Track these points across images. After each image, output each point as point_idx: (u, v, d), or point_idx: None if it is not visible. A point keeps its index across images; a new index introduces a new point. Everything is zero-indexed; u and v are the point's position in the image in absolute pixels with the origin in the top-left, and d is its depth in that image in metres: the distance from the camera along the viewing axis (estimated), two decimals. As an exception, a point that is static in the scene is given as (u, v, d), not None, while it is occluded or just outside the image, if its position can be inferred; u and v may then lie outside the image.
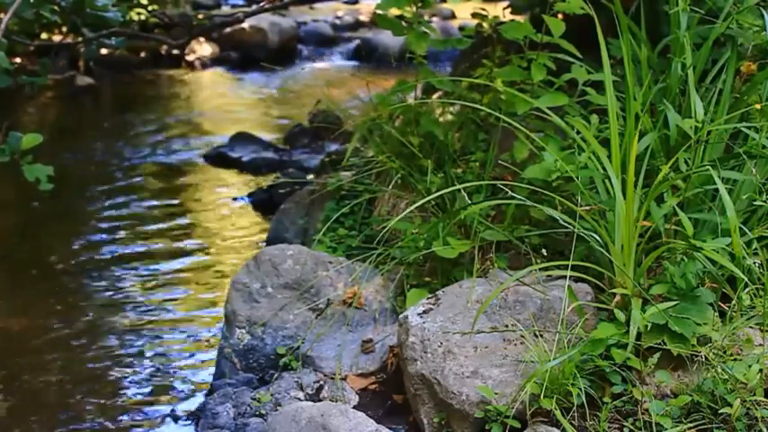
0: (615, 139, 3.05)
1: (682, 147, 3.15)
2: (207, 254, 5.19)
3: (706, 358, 2.71)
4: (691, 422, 2.62)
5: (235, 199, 6.09)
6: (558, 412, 2.64)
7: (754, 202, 3.02)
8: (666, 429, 2.60)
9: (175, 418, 3.52)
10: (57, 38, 8.33)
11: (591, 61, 3.59)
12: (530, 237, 3.32)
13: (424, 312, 3.07)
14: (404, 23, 4.05)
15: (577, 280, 3.00)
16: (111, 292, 4.68)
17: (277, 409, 3.13)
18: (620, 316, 2.81)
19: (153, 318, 4.41)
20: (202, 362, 3.98)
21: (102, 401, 3.70)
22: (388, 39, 10.25)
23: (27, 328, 4.29)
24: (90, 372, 3.93)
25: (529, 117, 3.55)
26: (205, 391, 3.61)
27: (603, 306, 2.92)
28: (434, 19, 11.53)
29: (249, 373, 3.46)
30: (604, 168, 3.07)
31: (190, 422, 3.46)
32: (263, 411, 3.20)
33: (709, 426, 2.61)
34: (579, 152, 3.19)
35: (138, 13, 9.50)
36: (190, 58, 10.37)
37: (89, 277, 4.88)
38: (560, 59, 3.67)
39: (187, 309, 4.52)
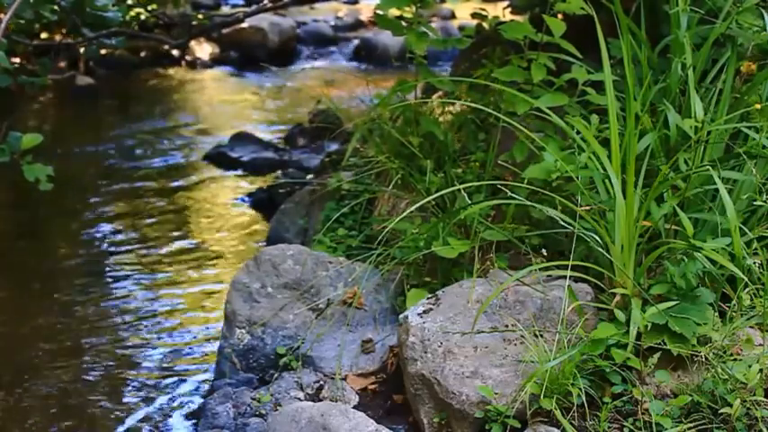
0: (615, 139, 3.05)
1: (682, 147, 3.15)
2: (207, 254, 5.19)
3: (706, 358, 2.71)
4: (691, 422, 2.62)
5: (235, 199, 6.09)
6: (557, 412, 2.64)
7: (754, 202, 3.02)
8: (666, 429, 2.61)
9: (175, 418, 3.52)
10: (57, 38, 8.33)
11: (591, 61, 3.59)
12: (530, 237, 3.32)
13: (424, 312, 3.07)
14: (404, 23, 4.05)
15: (577, 280, 3.00)
16: (110, 292, 4.68)
17: (277, 409, 3.13)
18: (620, 316, 2.81)
19: (153, 318, 4.41)
20: (202, 362, 3.98)
21: (102, 401, 3.70)
22: (388, 39, 10.24)
23: (27, 328, 4.28)
24: (90, 372, 3.93)
25: (529, 117, 3.55)
26: (205, 391, 3.61)
27: (603, 306, 2.93)
28: (434, 19, 11.52)
29: (249, 373, 3.46)
30: (604, 168, 3.07)
31: (190, 422, 3.46)
32: (263, 411, 3.20)
33: (709, 426, 2.61)
34: (579, 152, 3.19)
35: (138, 13, 9.50)
36: (190, 57, 10.36)
37: (89, 277, 4.88)
38: (560, 59, 3.67)
39: (187, 309, 4.52)
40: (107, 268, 4.98)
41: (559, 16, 3.72)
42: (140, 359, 4.02)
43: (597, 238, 2.95)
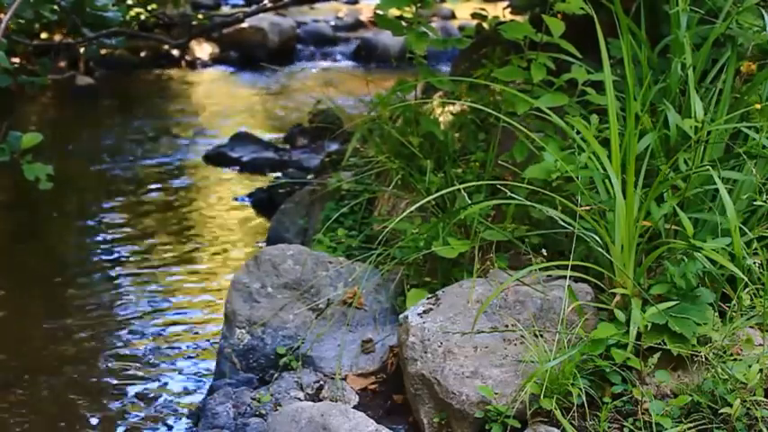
0: (615, 139, 3.05)
1: (682, 147, 3.15)
2: (207, 254, 5.19)
3: (706, 358, 2.71)
4: (691, 422, 2.62)
5: (235, 199, 6.09)
6: (558, 412, 2.64)
7: (754, 202, 3.02)
8: (666, 429, 2.60)
9: (175, 419, 3.52)
10: (57, 38, 8.33)
11: (591, 61, 3.59)
12: (530, 237, 3.32)
13: (424, 312, 3.07)
14: (404, 23, 4.04)
15: (577, 280, 3.00)
16: (110, 292, 4.68)
17: (277, 409, 3.12)
18: (620, 316, 2.81)
19: (153, 317, 4.41)
20: (202, 362, 3.98)
21: (103, 401, 3.70)
22: (388, 39, 10.25)
23: (27, 328, 4.29)
24: (90, 371, 3.93)
25: (529, 117, 3.55)
26: (205, 391, 3.61)
27: (603, 306, 2.92)
28: (434, 19, 11.52)
29: (249, 373, 3.46)
30: (604, 168, 3.07)
31: (190, 422, 3.46)
32: (263, 411, 3.20)
33: (709, 426, 2.61)
34: (579, 152, 3.18)
35: (138, 13, 9.50)
36: (190, 57, 10.37)
37: (89, 277, 4.88)
38: (560, 59, 3.67)
39: (187, 309, 4.52)
40: (107, 268, 4.98)
41: (559, 16, 3.72)
42: (140, 358, 4.02)
43: (597, 238, 2.95)
